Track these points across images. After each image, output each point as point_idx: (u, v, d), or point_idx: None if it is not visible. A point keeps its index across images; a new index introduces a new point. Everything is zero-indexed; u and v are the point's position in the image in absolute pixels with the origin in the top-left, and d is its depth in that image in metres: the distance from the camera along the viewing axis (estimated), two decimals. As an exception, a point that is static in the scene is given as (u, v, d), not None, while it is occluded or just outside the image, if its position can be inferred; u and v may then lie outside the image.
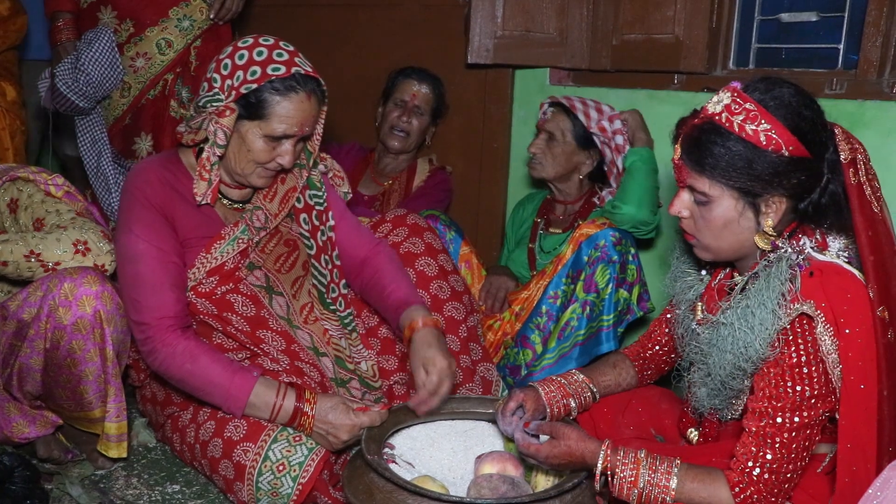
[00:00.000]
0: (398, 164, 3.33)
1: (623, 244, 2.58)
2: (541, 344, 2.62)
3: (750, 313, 1.62)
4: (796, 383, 1.56)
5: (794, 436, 1.56)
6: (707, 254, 1.75)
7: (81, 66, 2.70)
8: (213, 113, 2.02)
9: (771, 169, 1.58)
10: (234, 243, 2.15)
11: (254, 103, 2.00)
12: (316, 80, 2.06)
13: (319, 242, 2.30)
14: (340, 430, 1.95)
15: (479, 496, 1.78)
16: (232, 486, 1.98)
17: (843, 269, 1.60)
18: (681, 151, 1.67)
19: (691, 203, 1.71)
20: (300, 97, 2.01)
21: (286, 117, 2.01)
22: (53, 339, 2.00)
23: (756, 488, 1.57)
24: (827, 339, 1.53)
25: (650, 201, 2.64)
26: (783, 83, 1.62)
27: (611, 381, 2.06)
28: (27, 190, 2.22)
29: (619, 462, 1.68)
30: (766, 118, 1.57)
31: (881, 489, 1.27)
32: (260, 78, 1.98)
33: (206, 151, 2.04)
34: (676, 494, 1.62)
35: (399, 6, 3.55)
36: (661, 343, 2.07)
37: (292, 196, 2.26)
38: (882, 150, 2.52)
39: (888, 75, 2.60)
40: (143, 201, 2.06)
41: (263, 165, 2.08)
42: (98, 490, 2.15)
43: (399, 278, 2.29)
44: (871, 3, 2.56)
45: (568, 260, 2.62)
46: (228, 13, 2.87)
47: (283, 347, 2.14)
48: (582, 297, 2.57)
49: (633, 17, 3.06)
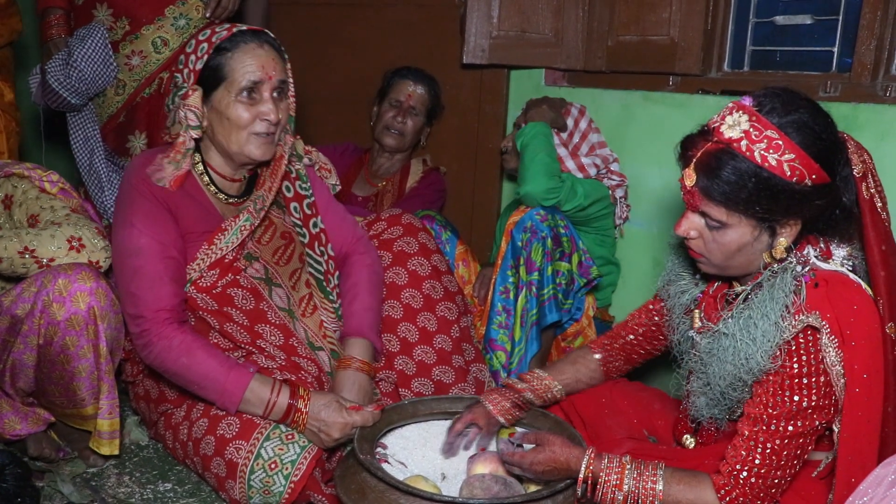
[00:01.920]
0: (392, 165, 3.33)
1: (550, 219, 2.64)
2: (509, 340, 2.65)
3: (752, 324, 1.59)
4: (794, 393, 1.55)
5: (785, 443, 1.56)
6: (714, 270, 1.71)
7: (74, 62, 2.69)
8: (180, 101, 2.06)
9: (794, 199, 1.53)
10: (238, 232, 2.15)
11: (212, 69, 2.04)
12: (264, 32, 2.11)
13: (312, 231, 2.31)
14: (332, 428, 1.96)
15: (471, 496, 1.78)
16: (224, 483, 1.98)
17: (848, 280, 1.58)
18: (695, 179, 1.58)
19: (702, 226, 1.64)
20: (250, 46, 2.05)
21: (245, 65, 2.04)
22: (47, 335, 2.00)
23: (741, 491, 1.57)
24: (831, 350, 1.51)
25: (542, 170, 2.69)
26: (797, 99, 1.56)
27: (569, 379, 2.06)
28: (22, 186, 2.22)
29: (603, 468, 1.67)
30: (789, 147, 1.50)
31: (872, 486, 1.27)
32: (208, 49, 2.04)
33: (182, 135, 2.06)
34: (663, 497, 1.62)
35: (394, 6, 3.55)
36: (636, 333, 2.04)
37: (281, 164, 2.23)
38: (875, 153, 2.49)
39: (882, 78, 2.61)
40: (147, 193, 2.06)
41: (252, 130, 2.07)
42: (90, 488, 2.14)
43: (364, 300, 2.29)
44: (866, 6, 2.57)
45: (506, 252, 2.68)
46: (225, 12, 2.87)
47: (281, 342, 2.14)
48: (526, 279, 2.63)
49: (629, 18, 3.06)
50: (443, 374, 2.30)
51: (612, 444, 1.89)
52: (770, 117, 1.53)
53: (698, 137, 1.61)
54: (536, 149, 2.74)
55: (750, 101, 1.56)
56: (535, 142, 2.76)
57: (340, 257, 2.36)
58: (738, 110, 1.55)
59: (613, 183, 2.94)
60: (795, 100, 1.56)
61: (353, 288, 2.31)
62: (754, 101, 1.56)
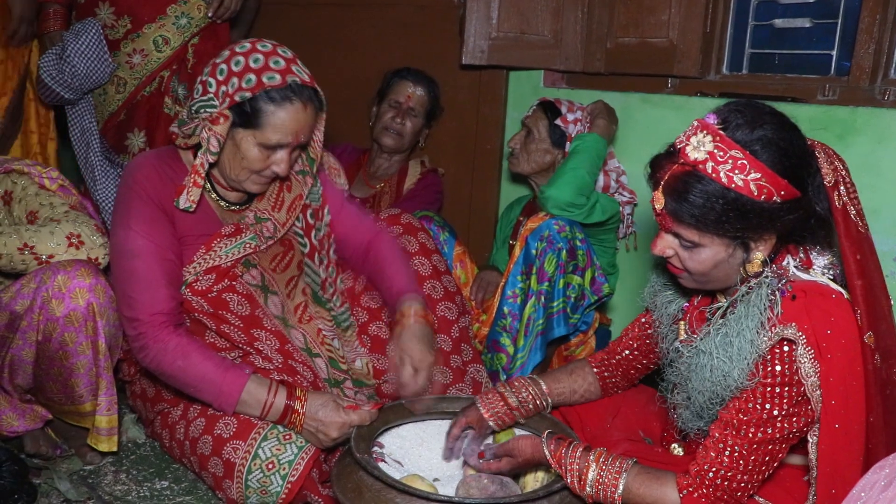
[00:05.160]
0: (390, 166, 3.33)
1: (568, 231, 2.61)
2: (511, 345, 2.64)
3: (728, 342, 1.59)
4: (766, 401, 1.55)
5: (754, 448, 1.55)
6: (695, 285, 1.70)
7: (67, 57, 2.69)
8: (206, 119, 1.98)
9: (764, 216, 1.52)
10: (241, 247, 2.15)
11: (248, 112, 1.96)
12: (313, 88, 2.03)
13: (314, 241, 2.29)
14: (330, 428, 1.95)
15: (467, 495, 1.78)
16: (221, 483, 1.98)
17: (827, 290, 1.57)
18: (664, 202, 1.58)
19: (677, 245, 1.64)
20: (296, 107, 1.98)
21: (281, 127, 1.98)
22: (46, 332, 2.00)
23: (704, 492, 1.57)
24: (807, 361, 1.50)
25: (576, 185, 2.65)
26: (762, 114, 1.55)
27: (564, 389, 2.05)
28: (21, 182, 2.22)
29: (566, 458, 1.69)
30: (754, 166, 1.49)
31: (864, 489, 1.28)
32: (255, 86, 1.94)
33: (200, 157, 2.01)
34: (625, 493, 1.62)
35: (393, 6, 3.55)
36: (631, 348, 2.03)
37: (298, 204, 2.25)
38: (873, 156, 2.53)
39: (880, 82, 2.62)
40: (144, 196, 2.05)
41: (258, 173, 2.06)
42: (86, 485, 2.14)
43: (398, 266, 2.31)
44: (865, 10, 2.58)
45: (518, 257, 2.65)
46: (227, 11, 2.87)
47: (277, 347, 2.13)
48: (536, 288, 2.61)
49: (628, 20, 3.07)
50: (440, 374, 2.30)
51: (608, 446, 1.89)
52: (735, 135, 1.52)
53: (665, 159, 1.61)
54: (583, 163, 2.70)
55: (714, 119, 1.55)
56: (586, 156, 2.71)
57: (362, 249, 2.37)
58: (703, 130, 1.54)
59: (624, 199, 2.94)
60: (760, 115, 1.54)
61: (378, 261, 2.32)
62: (718, 118, 1.55)
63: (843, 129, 2.58)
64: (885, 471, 1.29)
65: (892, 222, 2.53)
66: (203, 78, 2.03)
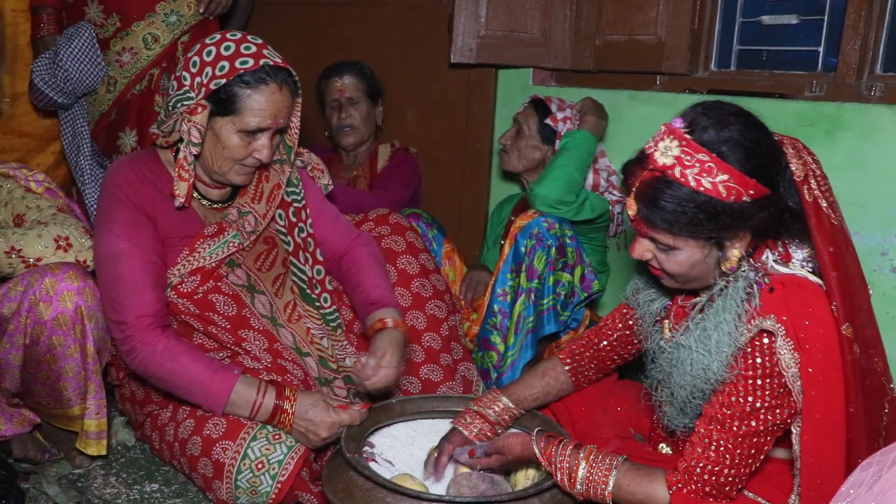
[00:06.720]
0: (359, 157, 3.33)
1: (557, 228, 2.61)
2: (502, 343, 2.64)
3: (707, 336, 1.60)
4: (749, 394, 1.56)
5: (739, 441, 1.56)
6: (676, 285, 1.71)
7: (60, 61, 2.68)
8: (184, 112, 1.99)
9: (735, 216, 1.53)
10: (225, 246, 2.14)
11: (225, 99, 1.97)
12: (286, 70, 2.03)
13: (297, 239, 2.28)
14: (320, 428, 1.95)
15: (458, 494, 1.78)
16: (211, 484, 1.98)
17: (805, 282, 1.58)
18: (636, 208, 1.60)
19: (654, 249, 1.65)
20: (271, 88, 1.98)
21: (259, 110, 1.98)
22: (33, 335, 1.99)
23: (693, 487, 1.58)
24: (786, 353, 1.52)
25: (565, 182, 2.66)
26: (727, 115, 1.56)
27: (538, 394, 2.05)
28: (7, 186, 2.21)
29: (556, 456, 1.70)
30: (721, 168, 1.50)
31: (853, 487, 1.28)
32: (229, 72, 1.95)
33: (183, 151, 2.00)
34: (615, 490, 1.63)
35: (383, 6, 3.55)
36: (610, 339, 2.03)
37: (278, 194, 2.24)
38: (859, 152, 2.54)
39: (867, 78, 2.63)
40: (124, 199, 2.04)
41: (240, 162, 2.05)
42: (76, 489, 2.13)
43: (375, 276, 2.29)
44: (851, 6, 2.60)
45: (508, 255, 2.65)
46: (218, 7, 2.86)
47: (266, 346, 2.13)
48: (526, 286, 2.61)
49: (616, 18, 3.07)
50: (431, 373, 2.30)
51: (599, 443, 1.90)
52: (701, 138, 1.53)
53: (635, 165, 1.62)
54: (572, 160, 2.70)
55: (680, 123, 1.57)
56: (575, 153, 2.72)
57: (336, 258, 2.35)
58: (670, 135, 1.56)
59: (614, 198, 2.95)
60: (726, 116, 1.56)
61: (353, 269, 2.31)
62: (685, 121, 1.57)
63: (830, 125, 2.59)
64: (872, 468, 1.29)
65: (879, 217, 2.54)
66: (177, 74, 2.04)
